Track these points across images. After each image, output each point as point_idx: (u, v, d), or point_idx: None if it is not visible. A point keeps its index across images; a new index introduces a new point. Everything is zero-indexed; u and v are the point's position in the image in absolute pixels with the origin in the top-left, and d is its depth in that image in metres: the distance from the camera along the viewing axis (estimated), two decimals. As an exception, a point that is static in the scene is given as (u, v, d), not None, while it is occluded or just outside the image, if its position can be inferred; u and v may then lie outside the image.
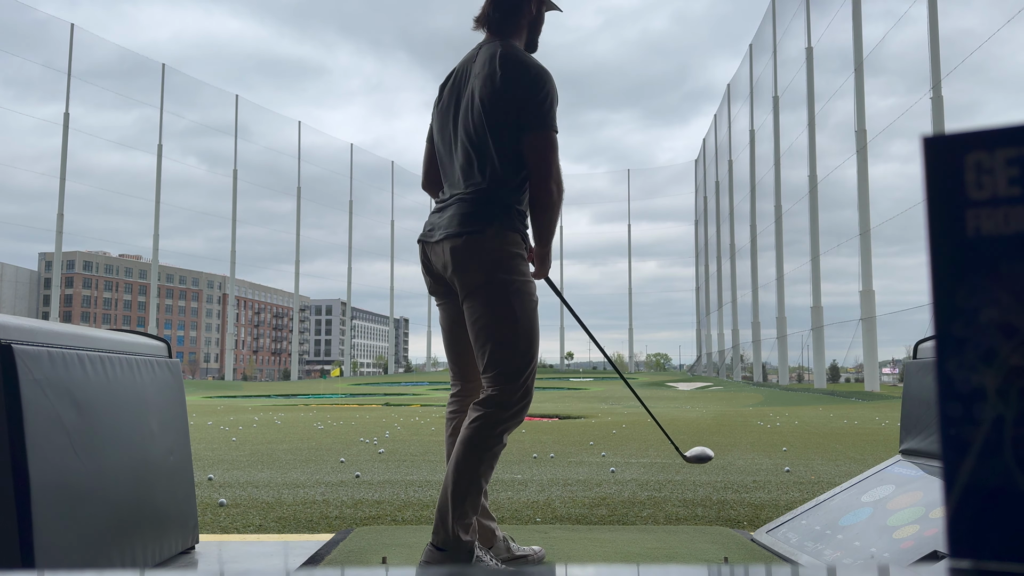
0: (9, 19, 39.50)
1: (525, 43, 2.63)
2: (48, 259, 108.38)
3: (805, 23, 28.55)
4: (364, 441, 7.63)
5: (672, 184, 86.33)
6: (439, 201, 2.62)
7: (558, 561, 2.69)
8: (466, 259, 2.43)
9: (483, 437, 2.39)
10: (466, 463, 2.39)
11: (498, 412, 2.40)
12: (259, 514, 3.65)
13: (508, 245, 2.44)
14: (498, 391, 2.41)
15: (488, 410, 2.40)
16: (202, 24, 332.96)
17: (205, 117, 50.24)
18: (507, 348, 2.42)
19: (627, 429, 9.16)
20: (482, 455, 2.39)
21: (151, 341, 2.71)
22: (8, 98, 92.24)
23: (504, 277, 2.41)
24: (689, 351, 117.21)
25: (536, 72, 2.44)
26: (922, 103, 18.67)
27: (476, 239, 2.42)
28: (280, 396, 27.35)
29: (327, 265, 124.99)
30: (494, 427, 2.40)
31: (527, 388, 2.44)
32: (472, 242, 2.42)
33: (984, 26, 17.02)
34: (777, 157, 31.96)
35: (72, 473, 1.96)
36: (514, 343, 2.42)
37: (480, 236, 2.42)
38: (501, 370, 2.41)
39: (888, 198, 31.19)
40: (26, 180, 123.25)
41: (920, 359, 2.94)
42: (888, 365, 40.07)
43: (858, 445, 7.15)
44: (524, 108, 2.41)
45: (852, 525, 2.57)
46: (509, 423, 2.42)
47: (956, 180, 0.44)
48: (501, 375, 2.41)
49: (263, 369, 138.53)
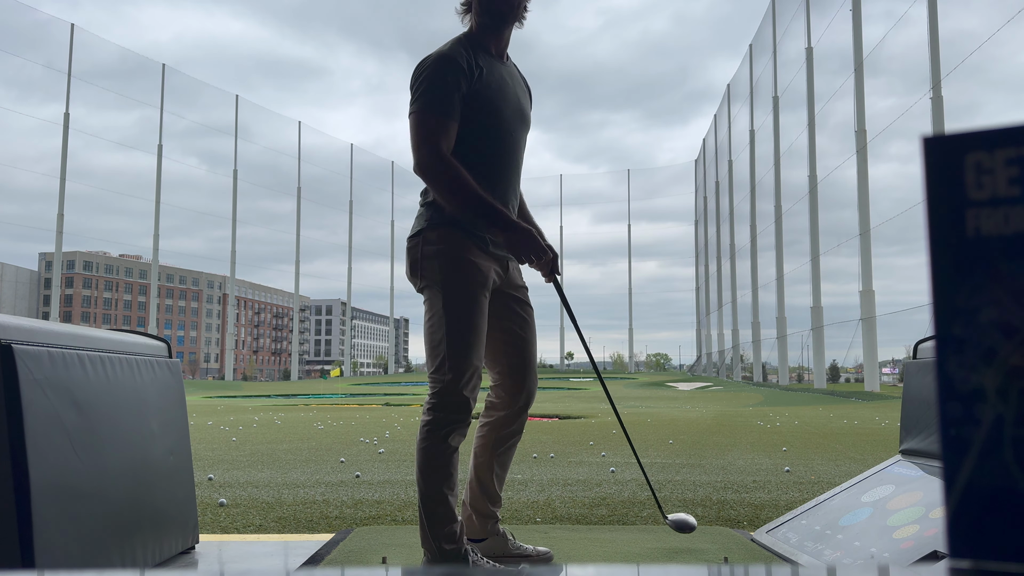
0: (10, 20, 39.54)
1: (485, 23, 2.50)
2: (48, 259, 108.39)
3: (805, 24, 28.56)
4: (364, 441, 7.63)
5: (672, 184, 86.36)
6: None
7: (558, 561, 2.69)
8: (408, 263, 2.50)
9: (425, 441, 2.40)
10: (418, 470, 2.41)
11: (436, 415, 2.40)
12: (259, 514, 3.65)
13: (444, 243, 2.43)
14: (434, 394, 2.42)
15: (427, 415, 2.41)
16: (204, 25, 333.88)
17: (206, 118, 50.40)
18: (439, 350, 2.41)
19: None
20: (427, 460, 2.38)
21: (151, 341, 2.71)
22: (10, 99, 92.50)
23: (437, 279, 2.42)
24: (689, 351, 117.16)
25: (419, 66, 2.41)
26: (921, 104, 18.69)
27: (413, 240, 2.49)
28: (280, 396, 27.35)
29: (328, 265, 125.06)
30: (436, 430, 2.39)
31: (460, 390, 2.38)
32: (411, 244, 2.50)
33: (983, 27, 17.04)
34: (777, 157, 31.96)
35: (72, 473, 1.96)
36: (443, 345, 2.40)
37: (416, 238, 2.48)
38: (435, 371, 2.42)
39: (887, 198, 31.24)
40: (27, 180, 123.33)
41: (920, 359, 2.94)
42: (888, 365, 40.07)
43: (858, 445, 7.15)
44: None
45: (852, 525, 2.57)
46: (450, 426, 2.39)
47: (956, 180, 0.44)
48: (435, 376, 2.42)
49: (263, 369, 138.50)
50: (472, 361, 2.40)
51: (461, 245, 2.41)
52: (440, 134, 2.33)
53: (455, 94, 2.36)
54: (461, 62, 2.38)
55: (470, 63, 2.41)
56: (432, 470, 2.37)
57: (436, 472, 2.37)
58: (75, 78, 38.28)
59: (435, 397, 2.40)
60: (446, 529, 2.37)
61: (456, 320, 2.38)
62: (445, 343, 2.38)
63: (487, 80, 2.44)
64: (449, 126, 2.36)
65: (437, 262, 2.40)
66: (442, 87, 2.34)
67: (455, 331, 2.38)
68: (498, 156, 2.49)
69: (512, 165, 2.54)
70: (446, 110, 2.35)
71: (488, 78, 2.45)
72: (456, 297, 2.39)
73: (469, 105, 2.40)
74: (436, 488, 2.37)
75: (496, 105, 2.46)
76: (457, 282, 2.40)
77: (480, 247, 2.44)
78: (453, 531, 2.39)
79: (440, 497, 2.37)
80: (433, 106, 2.33)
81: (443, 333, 2.39)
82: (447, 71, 2.36)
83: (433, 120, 2.33)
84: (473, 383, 2.42)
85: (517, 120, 2.55)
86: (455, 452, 2.41)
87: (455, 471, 2.42)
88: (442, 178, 2.32)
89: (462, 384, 2.38)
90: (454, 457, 2.41)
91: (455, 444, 2.41)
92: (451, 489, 2.40)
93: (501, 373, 2.62)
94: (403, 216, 64.15)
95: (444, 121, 2.34)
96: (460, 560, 2.38)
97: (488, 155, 2.46)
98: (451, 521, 2.38)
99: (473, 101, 2.40)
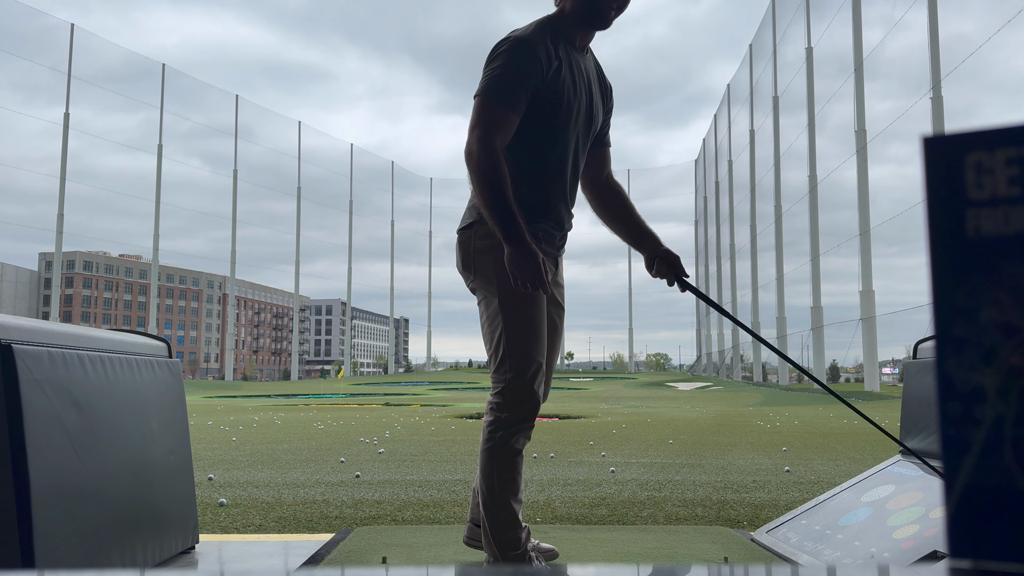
0: (19, 25, 39.66)
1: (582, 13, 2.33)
2: (48, 259, 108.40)
3: (804, 26, 28.57)
4: (364, 441, 7.63)
5: (672, 185, 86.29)
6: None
7: (558, 561, 2.69)
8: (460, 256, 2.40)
9: (489, 442, 2.33)
10: (481, 473, 2.34)
11: (500, 416, 2.31)
12: (259, 514, 3.65)
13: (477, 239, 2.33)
14: (498, 393, 2.33)
15: (491, 416, 2.33)
16: (211, 30, 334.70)
17: (210, 119, 50.38)
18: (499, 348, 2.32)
19: (627, 429, 9.15)
20: (491, 463, 2.30)
21: (151, 341, 2.70)
22: (17, 102, 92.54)
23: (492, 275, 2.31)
24: (689, 351, 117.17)
25: (497, 47, 2.26)
26: (919, 106, 18.70)
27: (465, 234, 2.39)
28: (280, 396, 27.34)
29: (329, 266, 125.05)
30: (499, 431, 2.31)
31: (526, 388, 2.30)
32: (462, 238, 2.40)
33: (979, 31, 17.07)
34: (777, 157, 31.96)
35: (72, 473, 1.96)
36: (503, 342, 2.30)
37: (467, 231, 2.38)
38: (496, 370, 2.33)
39: (886, 199, 31.24)
40: (32, 182, 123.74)
41: (920, 359, 2.94)
42: (888, 365, 40.05)
43: (858, 445, 7.15)
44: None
45: (852, 525, 2.57)
46: (515, 427, 2.30)
47: (956, 180, 0.44)
48: (497, 376, 2.33)
49: (263, 369, 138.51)
50: (535, 357, 2.30)
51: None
52: (497, 124, 2.19)
53: (525, 85, 2.22)
54: (539, 52, 2.24)
55: (549, 54, 2.26)
56: (496, 474, 2.29)
57: (499, 476, 2.29)
58: (81, 81, 38.38)
59: (499, 396, 2.30)
60: (510, 535, 2.30)
61: (515, 316, 2.28)
62: (505, 340, 2.28)
63: (564, 75, 2.30)
64: (510, 118, 2.22)
65: (492, 256, 2.29)
66: (514, 75, 2.20)
67: (515, 327, 2.28)
68: (556, 160, 2.36)
69: (571, 171, 2.42)
70: (511, 101, 2.21)
71: (565, 73, 2.31)
72: (514, 292, 2.27)
73: (537, 100, 2.26)
74: (499, 492, 2.29)
75: (568, 104, 2.32)
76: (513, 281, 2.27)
77: (535, 240, 2.34)
78: (517, 537, 2.31)
79: (503, 502, 2.28)
80: (498, 94, 2.20)
81: (502, 330, 2.29)
82: (523, 59, 2.22)
83: (494, 108, 2.20)
84: (538, 380, 2.31)
85: (585, 123, 2.42)
86: (519, 455, 2.32)
87: (519, 475, 2.33)
88: (481, 168, 2.17)
89: (526, 381, 2.29)
90: (518, 460, 2.31)
91: (519, 447, 2.31)
92: (515, 493, 2.31)
93: None
94: (403, 217, 64.20)
95: (505, 112, 2.21)
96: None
97: (545, 157, 2.34)
98: (515, 527, 2.31)
99: (544, 97, 2.26)
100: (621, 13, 2.35)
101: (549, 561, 2.63)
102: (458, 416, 12.48)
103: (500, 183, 2.17)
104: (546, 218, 2.38)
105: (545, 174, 2.35)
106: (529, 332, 2.30)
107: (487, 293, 2.34)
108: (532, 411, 2.30)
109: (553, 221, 2.41)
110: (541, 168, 2.34)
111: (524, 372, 2.29)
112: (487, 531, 2.32)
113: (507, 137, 2.24)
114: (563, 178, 2.39)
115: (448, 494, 4.23)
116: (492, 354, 2.34)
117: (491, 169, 2.16)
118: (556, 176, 2.37)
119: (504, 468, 2.29)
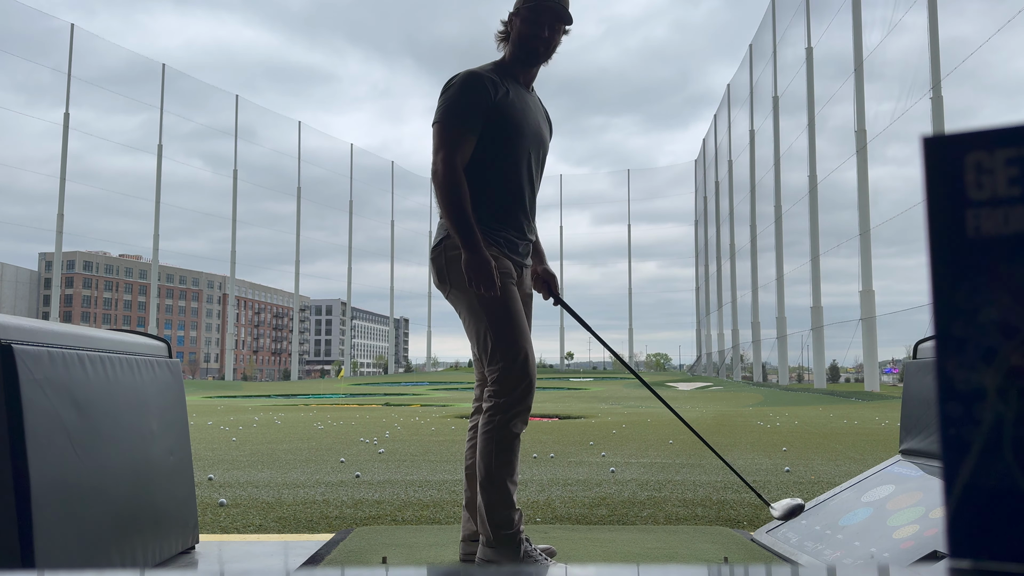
0: (23, 27, 39.70)
1: (516, 54, 2.62)
2: (48, 259, 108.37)
3: (804, 27, 28.59)
4: (364, 441, 7.63)
5: (672, 186, 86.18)
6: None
7: (558, 561, 2.69)
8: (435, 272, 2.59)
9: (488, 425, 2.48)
10: (480, 455, 2.48)
11: (499, 400, 2.46)
12: (259, 514, 3.65)
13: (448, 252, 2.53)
14: (494, 381, 2.48)
15: (490, 401, 2.49)
16: (215, 33, 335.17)
17: (212, 120, 50.33)
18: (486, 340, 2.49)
19: (627, 429, 9.15)
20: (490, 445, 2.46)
21: (151, 341, 2.71)
22: (20, 103, 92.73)
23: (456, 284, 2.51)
24: (689, 351, 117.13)
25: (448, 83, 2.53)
26: (918, 107, 18.70)
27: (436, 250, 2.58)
28: (280, 396, 27.34)
29: (330, 266, 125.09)
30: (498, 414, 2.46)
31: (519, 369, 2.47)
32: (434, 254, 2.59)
33: (977, 34, 17.08)
34: (777, 158, 31.96)
35: (72, 473, 1.96)
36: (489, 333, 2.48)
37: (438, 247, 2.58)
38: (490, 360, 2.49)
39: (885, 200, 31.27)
40: (34, 182, 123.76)
41: (920, 359, 2.94)
42: (888, 365, 40.03)
43: (858, 445, 7.15)
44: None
45: (852, 525, 2.57)
46: (513, 410, 2.46)
47: (956, 180, 0.44)
48: (491, 365, 2.49)
49: (263, 369, 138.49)
50: (521, 343, 2.48)
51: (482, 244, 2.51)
52: (456, 145, 2.44)
53: (477, 109, 2.47)
54: (486, 81, 2.50)
55: (495, 83, 2.52)
56: (494, 455, 2.45)
57: (498, 457, 2.45)
58: (84, 82, 38.42)
59: (496, 384, 2.47)
60: (503, 515, 2.45)
61: (495, 311, 2.47)
62: (491, 334, 2.47)
63: (512, 99, 2.55)
64: (467, 139, 2.47)
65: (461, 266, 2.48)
66: (465, 101, 2.46)
67: (495, 320, 2.47)
68: (513, 173, 2.58)
69: (527, 184, 2.63)
70: (467, 123, 2.46)
71: (513, 97, 2.56)
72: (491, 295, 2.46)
73: (491, 121, 2.50)
74: (497, 473, 2.45)
75: (517, 124, 2.56)
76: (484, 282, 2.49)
77: (498, 247, 2.55)
78: (511, 517, 2.46)
79: (500, 482, 2.45)
80: (454, 118, 2.45)
81: (487, 325, 2.47)
82: (473, 87, 2.48)
83: (451, 131, 2.45)
84: (529, 365, 2.48)
85: (536, 143, 2.65)
86: (517, 439, 2.49)
87: (516, 458, 2.50)
88: (443, 184, 2.43)
89: (518, 365, 2.46)
90: (515, 443, 2.48)
91: (516, 431, 2.47)
92: (511, 475, 2.48)
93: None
94: (403, 217, 64.22)
95: (462, 132, 2.45)
96: (515, 546, 2.45)
97: (503, 171, 2.56)
98: (508, 507, 2.46)
99: (495, 118, 2.50)
100: (551, 50, 2.62)
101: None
102: (458, 416, 12.48)
103: (460, 197, 2.42)
104: (508, 227, 2.59)
105: (504, 187, 2.58)
106: (511, 322, 2.48)
107: (465, 298, 2.52)
108: (527, 392, 2.47)
109: (515, 230, 2.61)
110: (500, 181, 2.57)
111: (515, 358, 2.46)
112: (482, 511, 2.47)
113: (466, 156, 2.48)
114: (521, 190, 2.62)
115: (448, 494, 4.23)
116: (482, 351, 2.51)
117: (452, 185, 2.42)
118: (515, 188, 2.60)
119: (502, 449, 2.46)
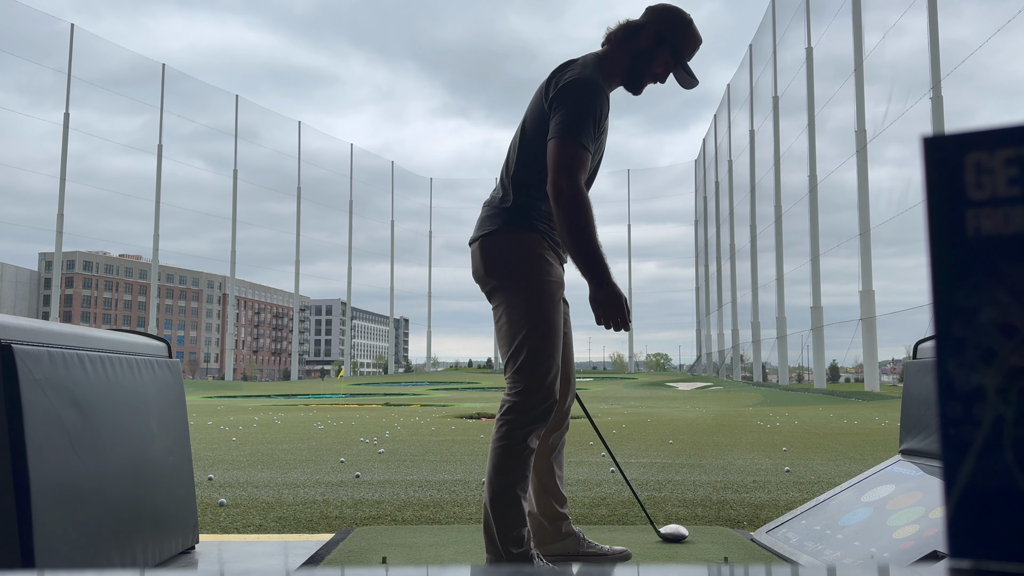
0: (25, 29, 39.75)
1: (625, 71, 2.50)
2: (48, 259, 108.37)
3: (804, 29, 28.59)
4: (364, 441, 7.63)
5: (672, 186, 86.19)
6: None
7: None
8: (482, 262, 2.44)
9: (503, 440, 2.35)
10: (492, 469, 2.35)
11: (518, 414, 2.34)
12: (259, 514, 3.65)
13: (523, 244, 2.41)
14: (516, 393, 2.35)
15: (508, 415, 2.35)
16: (218, 36, 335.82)
17: (213, 121, 50.29)
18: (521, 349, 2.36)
19: (627, 429, 9.15)
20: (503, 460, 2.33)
21: (151, 341, 2.71)
22: (23, 104, 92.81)
23: (517, 277, 2.38)
24: (689, 351, 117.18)
25: (577, 85, 2.34)
26: (918, 108, 18.70)
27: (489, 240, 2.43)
28: (280, 396, 27.34)
29: (330, 266, 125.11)
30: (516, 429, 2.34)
31: (547, 389, 2.35)
32: (486, 244, 2.43)
33: (975, 36, 17.08)
34: (777, 158, 31.96)
35: (72, 473, 1.96)
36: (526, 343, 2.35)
37: (491, 237, 2.43)
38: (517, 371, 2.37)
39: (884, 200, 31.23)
40: (36, 183, 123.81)
41: (920, 359, 2.94)
42: (888, 365, 40.03)
43: (858, 445, 7.15)
44: (554, 117, 2.34)
45: (852, 525, 2.57)
46: (532, 426, 2.34)
47: (956, 180, 0.44)
48: (517, 376, 2.36)
49: (263, 369, 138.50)
50: (555, 359, 2.37)
51: (540, 245, 2.41)
52: (581, 165, 2.30)
53: (597, 126, 2.36)
54: (605, 98, 2.39)
55: (608, 100, 2.42)
56: (508, 471, 2.32)
57: (512, 473, 2.32)
58: (86, 83, 38.46)
59: (516, 396, 2.34)
60: (515, 533, 2.33)
61: (537, 319, 2.35)
62: (527, 343, 2.34)
63: (605, 125, 2.44)
64: (589, 158, 2.34)
65: (516, 261, 2.39)
66: (590, 118, 2.32)
67: (536, 330, 2.35)
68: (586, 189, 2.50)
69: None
70: (591, 141, 2.34)
71: (606, 121, 2.45)
72: (537, 296, 2.37)
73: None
74: (510, 489, 2.32)
75: (602, 143, 2.48)
76: (538, 281, 2.38)
77: (554, 250, 2.47)
78: (521, 535, 2.34)
79: (513, 499, 2.32)
80: (581, 136, 2.30)
81: (525, 332, 2.35)
82: (597, 103, 2.34)
83: (583, 151, 2.30)
84: (557, 382, 2.38)
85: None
86: (532, 453, 2.36)
87: (530, 473, 2.37)
88: (578, 210, 2.27)
89: (547, 384, 2.35)
90: (531, 459, 2.36)
91: (533, 446, 2.35)
92: (524, 492, 2.35)
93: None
94: (404, 217, 64.20)
95: (587, 154, 2.32)
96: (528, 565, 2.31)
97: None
98: (520, 525, 2.34)
99: (596, 134, 2.39)
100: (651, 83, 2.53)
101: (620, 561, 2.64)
102: (458, 416, 12.48)
103: (589, 225, 2.29)
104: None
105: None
106: (550, 337, 2.37)
107: (509, 296, 2.40)
108: (549, 411, 2.36)
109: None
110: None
111: (545, 375, 2.35)
112: (491, 529, 2.34)
113: (587, 175, 2.35)
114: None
115: (448, 494, 4.23)
116: (512, 355, 2.39)
117: (583, 212, 2.27)
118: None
119: (519, 465, 2.33)
